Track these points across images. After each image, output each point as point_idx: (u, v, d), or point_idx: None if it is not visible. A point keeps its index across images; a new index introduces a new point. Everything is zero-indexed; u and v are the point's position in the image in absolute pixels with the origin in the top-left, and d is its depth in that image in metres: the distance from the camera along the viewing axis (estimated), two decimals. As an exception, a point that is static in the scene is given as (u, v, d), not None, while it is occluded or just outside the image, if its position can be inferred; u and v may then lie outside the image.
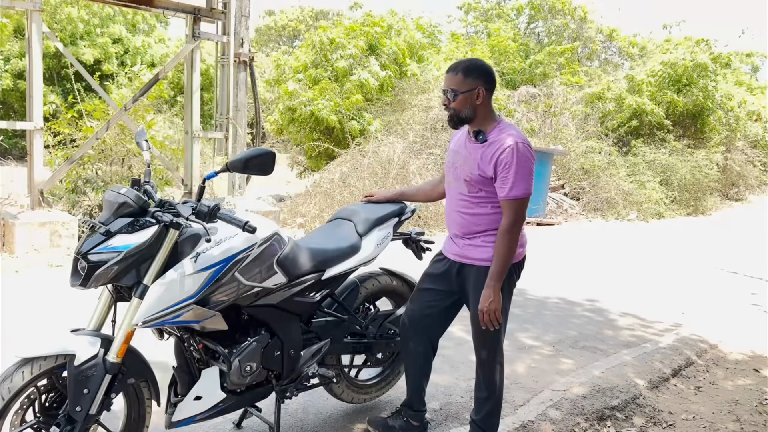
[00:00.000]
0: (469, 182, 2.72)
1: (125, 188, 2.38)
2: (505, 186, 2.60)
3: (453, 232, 2.90)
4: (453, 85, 2.68)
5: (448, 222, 2.93)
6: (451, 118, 2.72)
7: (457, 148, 2.83)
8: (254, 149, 2.40)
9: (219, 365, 2.59)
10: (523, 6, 22.29)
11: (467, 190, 2.74)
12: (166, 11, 8.31)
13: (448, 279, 2.90)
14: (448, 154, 2.91)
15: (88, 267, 2.24)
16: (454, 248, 2.88)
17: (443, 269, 2.92)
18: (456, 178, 2.80)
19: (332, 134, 13.53)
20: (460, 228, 2.81)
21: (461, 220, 2.80)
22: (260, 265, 2.59)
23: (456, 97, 2.66)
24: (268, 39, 39.77)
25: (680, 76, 16.75)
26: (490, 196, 2.70)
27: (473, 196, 2.74)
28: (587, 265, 8.03)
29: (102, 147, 8.66)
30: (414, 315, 2.98)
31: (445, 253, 2.95)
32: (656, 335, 5.19)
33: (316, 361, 2.90)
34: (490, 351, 2.86)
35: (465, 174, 2.72)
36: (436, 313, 2.95)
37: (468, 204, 2.76)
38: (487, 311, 2.64)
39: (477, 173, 2.68)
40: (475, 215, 2.75)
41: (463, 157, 2.75)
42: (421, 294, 2.99)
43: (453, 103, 2.68)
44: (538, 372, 4.13)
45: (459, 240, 2.84)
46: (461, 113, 2.69)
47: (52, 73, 19.43)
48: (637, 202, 13.45)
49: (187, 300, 2.36)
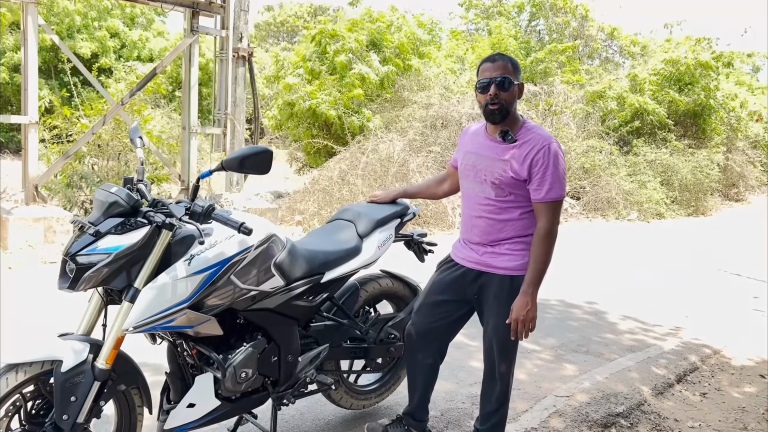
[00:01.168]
0: (498, 185, 2.54)
1: (116, 187, 2.28)
2: (542, 188, 2.46)
3: (471, 239, 2.69)
4: (507, 73, 2.48)
5: (465, 228, 2.74)
6: (500, 111, 2.49)
7: (476, 149, 2.64)
8: (250, 147, 2.29)
9: (213, 371, 2.50)
10: (524, 3, 22.16)
11: (495, 194, 2.56)
12: (165, 5, 8.20)
13: (461, 288, 2.72)
14: (464, 155, 2.70)
15: (77, 269, 2.14)
16: (471, 255, 2.68)
17: (455, 277, 2.74)
18: (480, 181, 2.60)
19: (331, 130, 13.42)
20: (483, 234, 2.63)
21: (485, 226, 2.61)
22: (257, 268, 2.50)
23: (510, 87, 2.47)
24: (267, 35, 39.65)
25: (682, 75, 16.66)
26: (519, 200, 2.54)
27: (501, 200, 2.56)
28: (588, 266, 7.94)
29: (98, 142, 8.55)
30: (422, 327, 2.81)
31: (457, 259, 2.76)
32: (659, 339, 5.10)
33: (315, 366, 2.81)
34: (509, 364, 2.72)
35: (493, 177, 2.54)
36: (446, 323, 2.79)
37: (495, 209, 2.58)
38: (524, 320, 2.49)
39: (509, 175, 2.50)
40: (502, 221, 2.58)
41: (488, 159, 2.57)
42: (429, 305, 2.80)
43: (505, 93, 2.47)
44: (540, 378, 4.04)
45: (478, 247, 2.65)
46: (510, 106, 2.50)
47: (49, 66, 19.29)
48: (638, 202, 13.36)
49: (181, 304, 2.26)
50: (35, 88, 7.19)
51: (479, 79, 2.54)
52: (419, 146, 11.58)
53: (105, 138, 8.55)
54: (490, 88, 2.47)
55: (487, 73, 2.50)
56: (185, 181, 8.71)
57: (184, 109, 8.71)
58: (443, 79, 14.55)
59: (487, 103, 2.49)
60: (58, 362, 2.15)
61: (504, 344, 2.64)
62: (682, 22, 25.10)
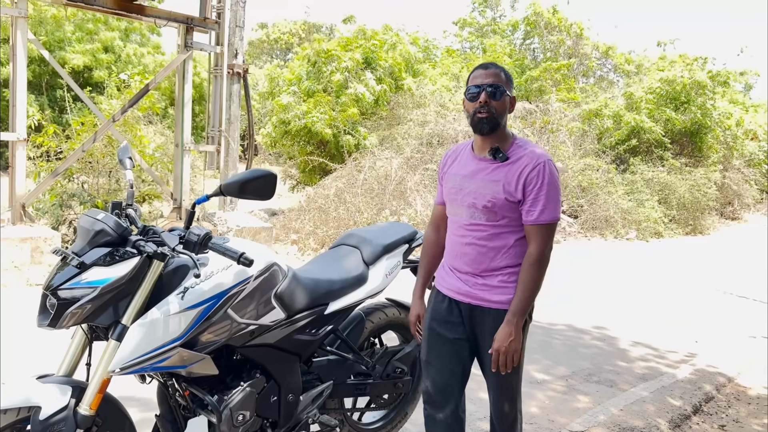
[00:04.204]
0: (490, 209, 2.29)
1: (103, 213, 2.08)
2: (535, 209, 2.24)
3: (460, 267, 2.40)
4: (500, 82, 2.27)
5: (451, 256, 2.45)
6: (489, 121, 2.26)
7: (463, 170, 2.38)
8: (252, 170, 2.09)
9: (207, 415, 2.28)
10: (518, 22, 22.19)
11: (486, 218, 2.31)
12: (158, 20, 8.05)
13: (457, 323, 2.42)
14: (449, 178, 2.43)
15: (59, 304, 1.94)
16: (460, 286, 2.39)
17: (448, 312, 2.43)
18: (469, 205, 2.33)
19: (326, 148, 13.26)
20: (473, 263, 2.35)
21: (475, 254, 2.34)
22: (256, 300, 2.30)
23: (501, 96, 2.26)
24: (260, 52, 39.65)
25: (678, 93, 16.64)
26: (513, 225, 2.30)
27: (493, 225, 2.31)
28: (592, 288, 7.75)
29: (89, 159, 8.33)
30: (439, 383, 2.44)
31: (445, 291, 2.46)
32: (671, 367, 4.91)
33: (317, 406, 2.60)
34: (512, 402, 2.46)
35: (485, 200, 2.29)
36: (461, 371, 2.44)
37: (487, 235, 2.32)
38: (505, 352, 2.24)
39: (503, 197, 2.26)
40: (495, 248, 2.32)
41: (478, 181, 2.32)
42: (436, 354, 2.46)
43: (495, 102, 2.26)
44: (553, 410, 3.83)
45: (468, 277, 2.37)
46: (500, 117, 2.28)
47: (39, 80, 19.05)
48: (636, 220, 13.23)
49: (173, 342, 2.05)
50: (24, 104, 6.99)
51: (469, 86, 2.32)
52: (416, 164, 11.42)
53: (96, 155, 8.33)
54: (480, 96, 2.26)
55: (478, 80, 2.29)
56: (177, 199, 8.50)
57: (177, 126, 8.52)
58: (439, 96, 14.45)
59: (476, 112, 2.27)
60: (36, 408, 1.93)
61: (501, 383, 2.41)
62: (675, 40, 25.25)
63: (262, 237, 8.55)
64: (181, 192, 8.44)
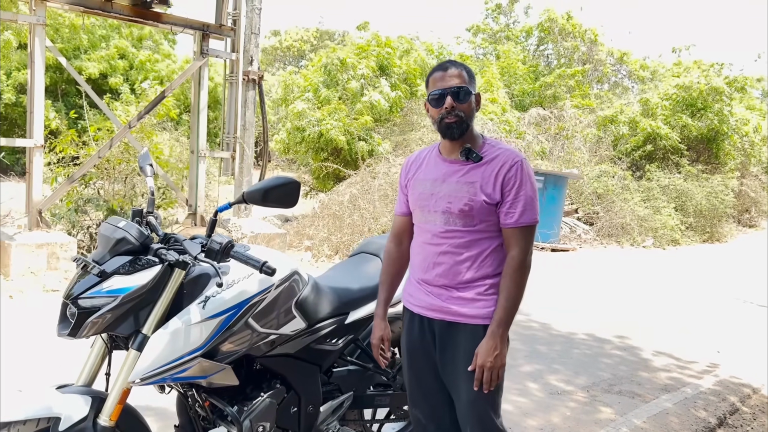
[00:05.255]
0: (467, 212, 2.10)
1: (124, 221, 2.05)
2: (514, 210, 2.08)
3: (432, 280, 2.19)
4: (462, 82, 2.11)
5: (422, 266, 2.22)
6: (458, 125, 2.10)
7: (431, 175, 2.21)
8: (275, 178, 2.05)
9: (227, 426, 2.24)
10: (532, 28, 22.14)
11: (462, 223, 2.12)
12: (174, 27, 8.06)
13: (431, 346, 2.21)
14: (415, 184, 2.25)
15: (79, 313, 1.90)
16: (432, 302, 2.19)
17: (421, 333, 2.23)
18: (442, 210, 2.15)
19: (340, 154, 13.26)
20: (448, 275, 2.15)
21: (451, 264, 2.14)
22: (277, 310, 2.26)
23: (466, 98, 2.10)
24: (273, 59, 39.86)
25: (695, 100, 16.49)
26: (490, 230, 2.13)
27: (471, 230, 2.12)
28: (610, 296, 7.66)
29: (105, 165, 8.35)
30: (428, 413, 2.28)
31: (415, 309, 2.25)
32: (694, 377, 4.81)
33: (337, 417, 2.55)
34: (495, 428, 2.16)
35: (461, 203, 2.11)
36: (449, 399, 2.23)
37: (463, 242, 2.13)
38: (491, 367, 2.04)
39: (481, 198, 2.08)
40: (472, 257, 2.13)
41: (451, 184, 2.14)
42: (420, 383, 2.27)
43: (462, 105, 2.10)
44: (576, 422, 3.75)
45: (441, 291, 2.17)
46: (469, 119, 2.12)
47: (55, 87, 19.21)
48: (653, 228, 13.09)
49: (194, 353, 2.01)
50: (41, 111, 7.02)
51: (430, 90, 2.16)
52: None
53: (112, 161, 8.35)
54: (445, 100, 2.09)
55: (439, 84, 2.13)
56: (193, 205, 8.50)
57: (192, 133, 8.54)
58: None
59: (443, 117, 2.11)
60: (56, 419, 1.90)
61: (484, 415, 2.13)
62: (690, 46, 25.08)
63: (276, 243, 8.53)
64: (196, 198, 8.44)
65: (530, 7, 24.41)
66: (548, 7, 21.24)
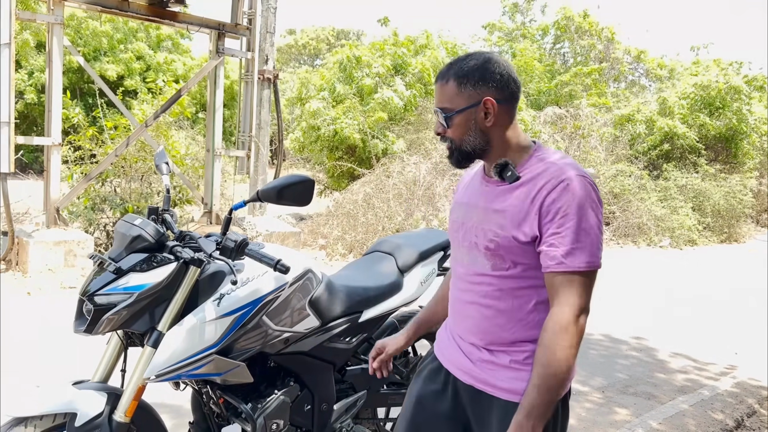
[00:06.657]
0: (494, 251, 1.57)
1: (140, 219, 2.06)
2: (559, 248, 1.47)
3: (462, 334, 1.70)
4: (445, 102, 1.61)
5: (452, 317, 1.77)
6: (451, 154, 1.65)
7: (467, 197, 1.72)
8: (289, 176, 2.05)
9: (241, 423, 2.25)
10: (548, 26, 21.99)
11: (491, 265, 1.59)
12: (190, 26, 8.11)
13: (451, 402, 1.72)
14: (453, 208, 1.77)
15: (95, 310, 1.92)
16: (461, 361, 1.68)
17: (442, 385, 1.74)
18: (470, 246, 1.64)
19: (355, 153, 13.27)
20: (478, 331, 1.64)
21: (480, 318, 1.63)
22: (291, 308, 2.27)
23: (450, 121, 1.60)
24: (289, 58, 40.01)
25: (713, 98, 16.30)
26: (529, 276, 1.56)
27: (502, 276, 1.58)
28: (627, 297, 7.59)
29: (122, 163, 8.43)
30: None
31: (443, 360, 1.76)
32: (712, 379, 4.76)
33: (351, 416, 2.55)
34: None
35: (486, 237, 1.59)
36: None
37: (493, 290, 1.60)
38: None
39: (509, 233, 1.54)
40: (505, 313, 1.59)
41: (479, 210, 1.64)
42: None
43: (448, 130, 1.62)
44: (591, 423, 3.73)
45: (471, 349, 1.66)
46: (464, 144, 1.61)
47: (74, 87, 19.44)
48: (670, 228, 12.97)
49: (209, 350, 2.03)
50: (59, 109, 7.09)
51: None
52: (444, 169, 11.34)
53: (129, 159, 8.43)
54: (437, 126, 1.66)
55: (436, 97, 1.66)
56: (208, 204, 8.55)
57: (208, 131, 8.59)
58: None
59: None
60: (72, 415, 1.92)
61: None
62: (708, 44, 24.79)
63: (290, 242, 8.55)
64: (212, 196, 8.50)
65: (546, 5, 24.14)
66: (565, 5, 21.05)
